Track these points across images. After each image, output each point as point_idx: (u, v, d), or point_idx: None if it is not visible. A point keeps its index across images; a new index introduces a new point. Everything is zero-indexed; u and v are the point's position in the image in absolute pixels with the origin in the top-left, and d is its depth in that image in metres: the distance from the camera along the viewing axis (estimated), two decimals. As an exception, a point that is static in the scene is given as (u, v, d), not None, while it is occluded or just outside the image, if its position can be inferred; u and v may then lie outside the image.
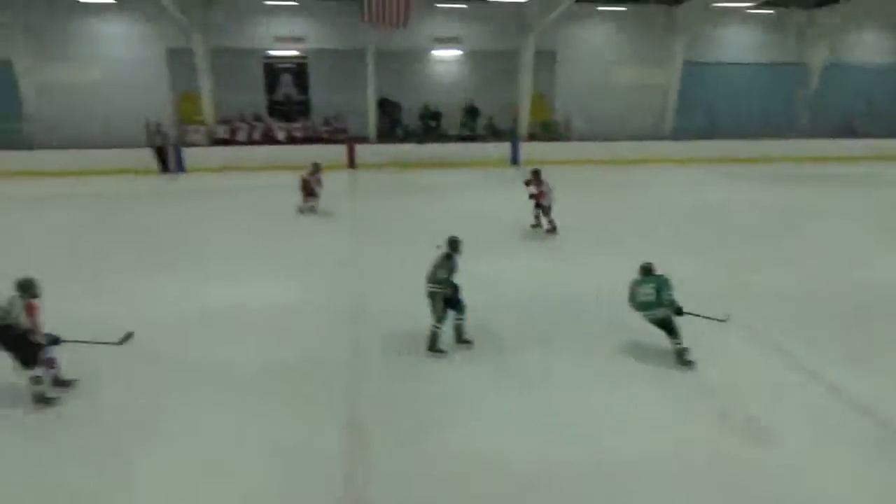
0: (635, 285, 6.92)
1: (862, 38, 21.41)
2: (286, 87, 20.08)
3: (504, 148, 18.57)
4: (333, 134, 19.08)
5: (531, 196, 11.17)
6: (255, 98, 19.59)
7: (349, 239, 11.52)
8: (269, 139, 18.69)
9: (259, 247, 10.67)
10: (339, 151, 18.09)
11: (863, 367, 6.77)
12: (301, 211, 12.84)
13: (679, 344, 6.79)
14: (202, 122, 18.40)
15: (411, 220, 12.73)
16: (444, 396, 6.21)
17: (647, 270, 6.97)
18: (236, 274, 9.32)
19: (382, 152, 18.37)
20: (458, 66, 20.66)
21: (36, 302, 5.58)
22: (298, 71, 19.98)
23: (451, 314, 6.99)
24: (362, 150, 18.25)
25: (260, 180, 16.28)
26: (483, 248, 10.95)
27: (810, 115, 20.99)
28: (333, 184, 14.03)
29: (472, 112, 19.93)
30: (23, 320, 5.45)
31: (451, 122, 19.95)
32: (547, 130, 19.45)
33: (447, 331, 7.15)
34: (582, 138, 19.68)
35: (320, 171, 12.83)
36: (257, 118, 19.09)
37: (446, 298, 6.84)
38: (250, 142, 18.51)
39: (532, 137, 19.48)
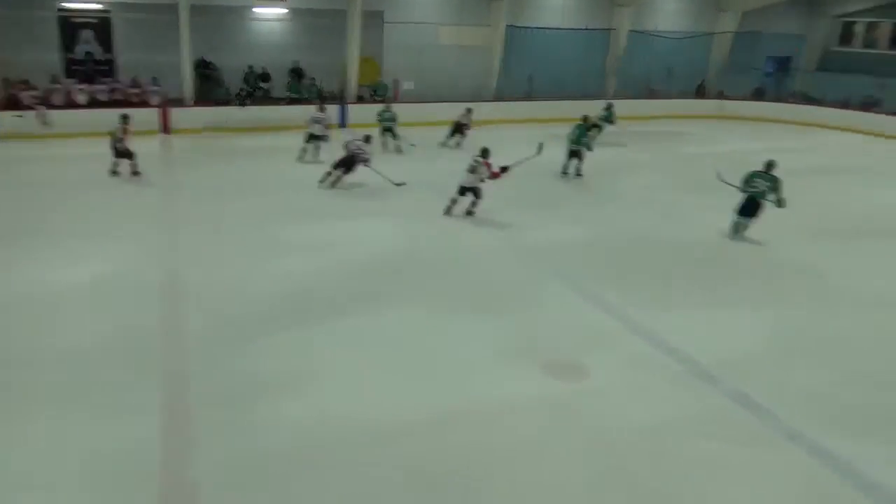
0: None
1: (661, 8, 23.31)
2: (87, 44, 18.08)
3: (333, 111, 18.14)
4: (144, 96, 17.56)
5: None
6: (49, 57, 17.44)
7: (166, 209, 10.81)
8: (67, 103, 16.78)
9: (61, 221, 9.70)
10: (150, 115, 16.69)
11: (665, 308, 7.57)
12: (445, 145, 16.06)
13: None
14: (-18, 85, 16.11)
15: (237, 186, 12.17)
16: (277, 365, 6.10)
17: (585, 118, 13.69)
18: (38, 251, 8.45)
19: (201, 116, 17.22)
20: (283, 25, 19.77)
21: None
22: (101, 26, 18.05)
23: None
24: (178, 114, 17.00)
25: (54, 149, 14.63)
26: (316, 211, 10.78)
27: (619, 79, 22.60)
28: (146, 150, 13.00)
29: (297, 74, 19.24)
30: None
31: (277, 85, 19.13)
32: (376, 93, 19.28)
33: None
34: (412, 101, 19.76)
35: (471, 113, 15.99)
36: (53, 80, 17.04)
37: None
38: (46, 106, 16.51)
39: (360, 100, 19.24)
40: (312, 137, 13.93)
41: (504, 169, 10.30)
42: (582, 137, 13.49)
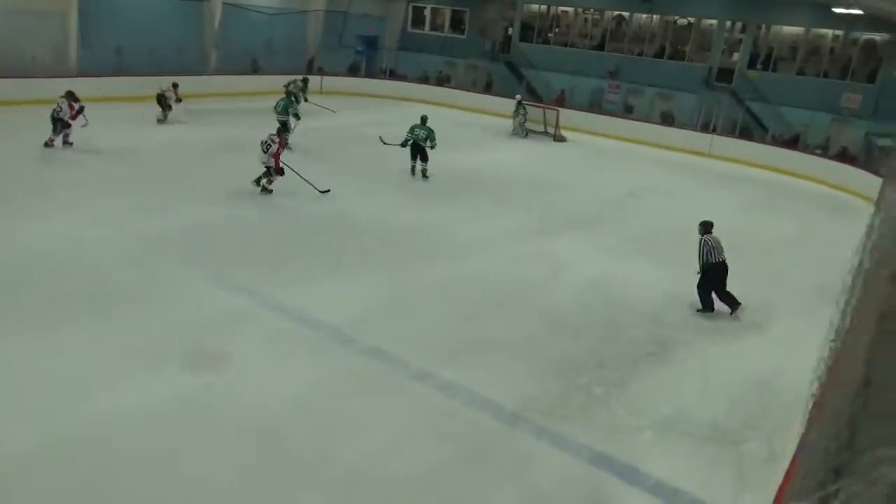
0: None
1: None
2: None
3: None
4: None
5: None
6: None
7: None
8: None
9: None
10: None
11: (296, 281, 7.84)
12: (158, 120, 15.72)
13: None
14: None
15: None
16: None
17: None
18: None
19: None
20: None
21: None
22: None
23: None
24: None
25: None
26: None
27: (221, 53, 21.92)
28: None
29: None
30: None
31: None
32: None
33: None
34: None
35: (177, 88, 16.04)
36: None
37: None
38: None
39: None
40: None
41: (279, 170, 10.68)
42: (288, 108, 14.00)
